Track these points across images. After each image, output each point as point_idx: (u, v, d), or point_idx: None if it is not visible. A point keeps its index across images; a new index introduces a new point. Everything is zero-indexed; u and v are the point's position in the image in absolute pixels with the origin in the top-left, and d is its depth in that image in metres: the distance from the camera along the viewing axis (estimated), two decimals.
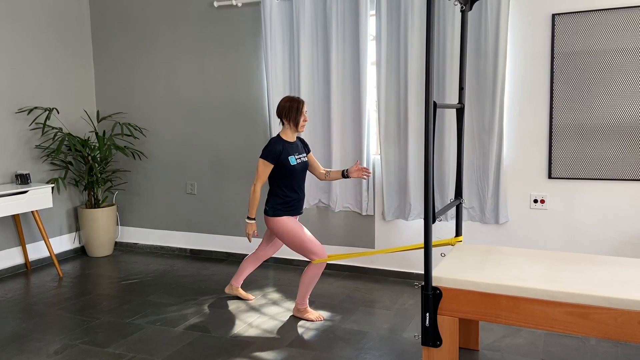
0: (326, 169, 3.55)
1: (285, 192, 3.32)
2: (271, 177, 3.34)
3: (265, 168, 3.27)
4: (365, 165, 4.12)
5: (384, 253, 4.07)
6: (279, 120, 3.36)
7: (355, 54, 4.06)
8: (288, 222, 3.30)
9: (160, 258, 4.94)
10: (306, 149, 3.48)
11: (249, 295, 3.78)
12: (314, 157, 4.21)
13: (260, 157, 3.27)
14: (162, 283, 4.19)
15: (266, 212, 3.34)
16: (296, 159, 3.32)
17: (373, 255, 4.29)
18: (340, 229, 4.37)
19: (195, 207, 4.97)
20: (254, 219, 3.36)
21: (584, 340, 3.03)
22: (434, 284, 2.39)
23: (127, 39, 5.09)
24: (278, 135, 3.34)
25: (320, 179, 3.55)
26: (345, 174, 3.46)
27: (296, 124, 3.30)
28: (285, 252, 4.62)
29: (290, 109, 3.28)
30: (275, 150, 3.25)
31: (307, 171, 3.71)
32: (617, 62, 3.43)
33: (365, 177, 3.45)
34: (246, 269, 3.71)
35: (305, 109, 3.32)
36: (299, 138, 3.47)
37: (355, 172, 3.43)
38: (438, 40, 3.82)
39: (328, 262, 4.41)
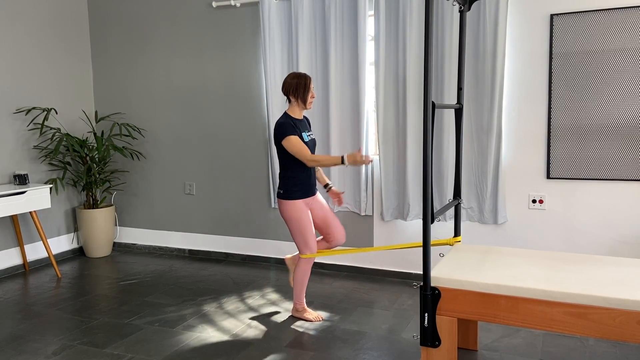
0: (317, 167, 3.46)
1: (297, 171, 3.21)
2: (282, 158, 3.23)
3: (296, 141, 3.10)
4: (364, 166, 4.11)
5: (381, 250, 4.07)
6: (286, 98, 3.27)
7: (354, 54, 4.06)
8: (301, 209, 3.22)
9: (159, 258, 4.94)
10: (311, 128, 3.41)
11: (292, 280, 3.55)
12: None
13: (284, 138, 3.11)
14: (160, 283, 4.18)
15: (280, 195, 3.25)
16: (307, 136, 3.24)
17: (370, 254, 4.28)
18: None
19: (194, 208, 4.97)
20: (343, 156, 3.07)
21: (582, 340, 3.03)
22: (432, 284, 2.39)
23: (126, 39, 5.09)
24: (285, 113, 3.24)
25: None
26: (327, 187, 3.43)
27: (304, 101, 3.21)
28: (282, 253, 4.62)
29: (298, 86, 3.18)
30: (289, 124, 3.14)
31: None
32: (616, 62, 3.43)
33: (336, 203, 3.41)
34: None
35: (312, 85, 3.22)
36: (304, 117, 3.38)
37: (334, 195, 3.40)
38: (436, 41, 3.82)
39: (326, 262, 4.42)
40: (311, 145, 3.26)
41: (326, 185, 3.46)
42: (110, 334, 3.23)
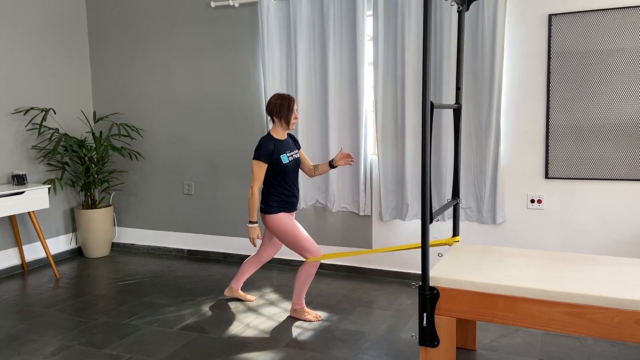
0: (314, 164, 3.53)
1: (280, 190, 3.31)
2: (265, 176, 3.33)
3: (260, 168, 3.25)
4: (362, 165, 4.11)
5: (380, 252, 4.07)
6: (270, 118, 3.35)
7: (353, 54, 4.06)
8: (284, 219, 3.30)
9: (158, 259, 4.93)
10: (297, 145, 3.48)
11: (249, 297, 3.77)
12: (306, 154, 4.22)
13: (254, 158, 3.25)
14: (159, 284, 4.18)
15: (262, 210, 3.33)
16: (288, 157, 3.31)
17: (369, 254, 4.28)
18: (338, 229, 4.37)
19: (193, 208, 4.96)
20: (255, 223, 3.30)
21: (581, 340, 3.04)
22: (431, 284, 2.39)
23: (124, 39, 5.08)
24: (268, 133, 3.32)
25: (310, 175, 3.51)
26: (332, 164, 3.44)
27: (287, 122, 3.28)
28: (282, 253, 4.62)
29: (282, 107, 3.26)
30: (268, 150, 3.24)
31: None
32: (614, 62, 3.43)
33: (350, 163, 3.43)
34: (247, 271, 3.69)
35: (296, 106, 3.30)
36: (289, 135, 3.46)
37: (341, 159, 3.41)
38: (435, 41, 3.82)
39: (325, 262, 4.42)
40: (291, 166, 3.32)
41: (330, 164, 3.44)
42: (108, 334, 3.23)
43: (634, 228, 3.52)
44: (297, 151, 3.42)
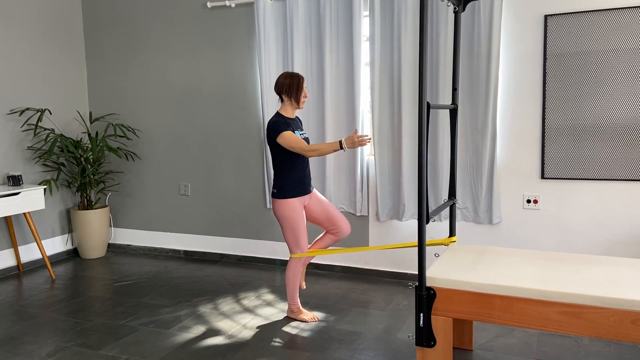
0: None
1: (291, 170, 3.22)
2: (276, 157, 3.23)
3: (290, 136, 3.10)
4: (359, 165, 4.11)
5: (374, 250, 4.07)
6: (278, 97, 3.27)
7: (349, 55, 4.06)
8: (295, 209, 3.22)
9: (154, 259, 4.92)
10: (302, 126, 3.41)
11: (303, 283, 3.56)
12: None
13: (278, 135, 3.11)
14: (155, 285, 4.17)
15: (274, 195, 3.25)
16: (300, 134, 3.25)
17: (366, 255, 4.29)
18: None
19: (189, 209, 4.95)
20: (341, 141, 3.05)
21: (577, 340, 3.05)
22: (427, 284, 2.39)
23: (120, 39, 5.07)
24: (277, 112, 3.25)
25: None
26: (342, 146, 3.17)
27: (297, 101, 3.23)
28: (280, 254, 4.62)
29: (291, 86, 3.20)
30: (283, 121, 3.15)
31: None
32: (609, 63, 3.45)
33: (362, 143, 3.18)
34: (324, 242, 3.45)
35: (305, 84, 3.26)
36: (296, 116, 3.40)
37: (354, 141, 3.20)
38: (431, 41, 3.83)
39: (322, 263, 4.42)
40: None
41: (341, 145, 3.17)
42: (105, 335, 3.22)
43: (630, 228, 3.53)
44: (305, 132, 3.34)
